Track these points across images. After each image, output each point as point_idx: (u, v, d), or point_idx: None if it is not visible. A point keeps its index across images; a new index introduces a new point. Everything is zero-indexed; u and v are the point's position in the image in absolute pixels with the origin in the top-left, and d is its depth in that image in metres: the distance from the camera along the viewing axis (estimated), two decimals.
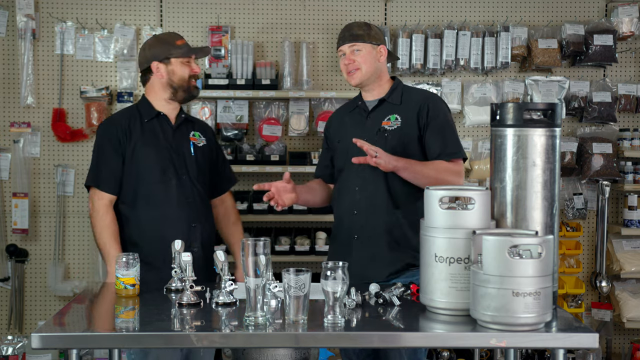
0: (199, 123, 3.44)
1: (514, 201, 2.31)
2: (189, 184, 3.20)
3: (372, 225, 3.00)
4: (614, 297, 4.78)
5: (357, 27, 3.09)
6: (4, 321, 4.69)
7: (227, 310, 2.42)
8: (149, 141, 3.20)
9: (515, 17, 4.79)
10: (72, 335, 2.21)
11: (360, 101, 3.16)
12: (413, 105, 3.04)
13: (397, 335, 2.24)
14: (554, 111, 2.31)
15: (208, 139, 3.36)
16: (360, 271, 2.90)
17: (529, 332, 2.12)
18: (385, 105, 3.09)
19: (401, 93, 3.10)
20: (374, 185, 3.00)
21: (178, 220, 3.16)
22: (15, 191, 4.60)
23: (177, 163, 3.20)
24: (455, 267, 2.24)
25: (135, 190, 3.17)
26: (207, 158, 3.31)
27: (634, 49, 4.86)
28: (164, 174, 3.17)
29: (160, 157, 3.18)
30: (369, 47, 3.06)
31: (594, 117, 4.72)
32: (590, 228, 4.85)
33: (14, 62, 4.66)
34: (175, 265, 2.67)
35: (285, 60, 4.62)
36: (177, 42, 3.26)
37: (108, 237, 3.12)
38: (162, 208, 3.16)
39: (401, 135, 3.00)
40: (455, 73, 4.76)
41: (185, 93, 3.25)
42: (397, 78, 3.17)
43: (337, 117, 3.28)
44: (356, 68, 3.05)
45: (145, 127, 3.22)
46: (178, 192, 3.17)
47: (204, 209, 3.26)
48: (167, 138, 3.23)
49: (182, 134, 3.28)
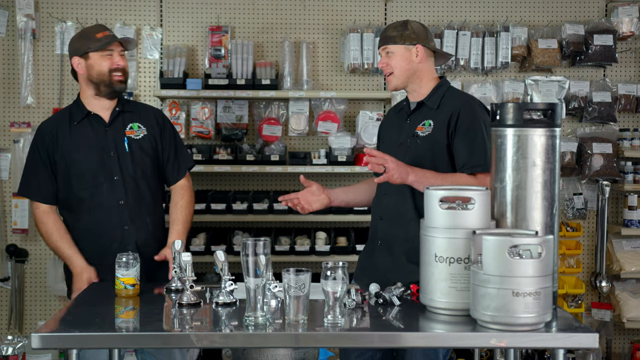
0: (139, 112, 3.23)
1: (514, 201, 2.31)
2: (122, 185, 3.10)
3: (394, 233, 2.92)
4: (614, 297, 4.78)
5: (391, 29, 2.96)
6: (4, 321, 4.69)
7: (227, 310, 2.42)
8: (77, 146, 3.10)
9: (515, 17, 4.79)
10: (72, 335, 2.21)
11: (405, 101, 3.06)
12: (447, 111, 2.87)
13: (397, 335, 2.23)
14: (554, 111, 2.31)
15: (150, 127, 3.19)
16: (383, 278, 2.82)
17: (529, 332, 2.12)
18: (424, 109, 2.95)
19: (442, 96, 2.93)
20: (400, 192, 2.90)
21: (109, 224, 3.09)
22: (15, 191, 4.60)
23: (109, 164, 3.10)
24: (455, 267, 2.24)
25: (68, 196, 3.13)
26: (147, 150, 3.16)
27: (634, 49, 4.86)
28: (94, 178, 3.09)
29: (89, 161, 3.09)
30: (402, 48, 2.93)
31: (594, 117, 4.72)
32: (590, 228, 4.85)
33: (14, 62, 4.66)
34: (175, 265, 2.66)
35: (285, 60, 4.62)
36: (98, 34, 3.10)
37: (56, 239, 3.10)
38: (94, 213, 3.09)
39: (430, 143, 2.87)
40: (455, 73, 4.76)
41: (107, 88, 3.11)
42: (444, 78, 3.00)
43: (389, 115, 3.19)
44: (389, 72, 2.96)
45: (73, 131, 3.12)
46: (109, 195, 3.09)
47: (139, 209, 3.13)
48: (97, 139, 3.12)
49: (116, 131, 3.14)
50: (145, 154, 3.16)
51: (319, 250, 4.44)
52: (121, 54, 3.14)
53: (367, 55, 4.58)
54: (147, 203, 3.17)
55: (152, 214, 3.19)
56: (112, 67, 3.10)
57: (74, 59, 3.13)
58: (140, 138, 3.16)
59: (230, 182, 4.77)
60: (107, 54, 3.10)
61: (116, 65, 3.10)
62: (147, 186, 3.17)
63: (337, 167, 4.47)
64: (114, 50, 3.11)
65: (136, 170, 3.13)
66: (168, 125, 3.29)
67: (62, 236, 3.10)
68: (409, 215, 2.89)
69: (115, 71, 3.10)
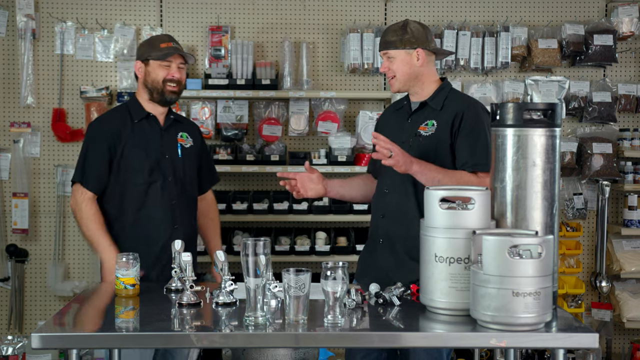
0: (187, 123, 3.49)
1: (514, 201, 2.31)
2: (174, 186, 3.28)
3: (397, 231, 2.95)
4: (614, 297, 4.78)
5: (391, 33, 2.99)
6: (4, 321, 4.69)
7: (227, 310, 2.42)
8: (138, 143, 3.25)
9: (515, 17, 4.79)
10: (72, 335, 2.21)
11: (406, 101, 3.10)
12: (450, 112, 2.93)
13: (397, 335, 2.24)
14: (554, 111, 2.31)
15: (195, 139, 3.42)
16: (385, 276, 2.85)
17: (529, 332, 2.12)
18: (426, 109, 3.00)
19: (444, 97, 2.98)
20: (403, 189, 2.93)
21: (161, 222, 3.25)
22: (15, 191, 4.60)
23: (164, 165, 3.27)
24: (455, 267, 2.24)
25: (122, 190, 3.25)
26: (193, 159, 3.39)
27: (634, 49, 4.86)
28: (150, 175, 3.24)
29: (147, 159, 3.25)
30: (403, 53, 2.96)
31: (594, 117, 4.72)
32: (590, 228, 4.85)
33: (14, 62, 4.66)
34: (175, 265, 2.67)
35: (285, 60, 4.62)
36: (162, 44, 3.28)
37: (95, 226, 3.19)
38: (146, 209, 3.24)
39: (434, 142, 2.92)
40: (455, 73, 4.76)
41: (159, 96, 3.28)
42: (446, 80, 3.05)
43: (387, 114, 3.24)
44: (392, 76, 2.99)
45: (135, 128, 3.27)
46: (162, 194, 3.25)
47: (187, 211, 3.33)
48: (155, 140, 3.29)
49: (171, 136, 3.34)
50: (192, 162, 3.39)
51: (319, 250, 4.44)
52: (180, 66, 3.30)
53: (367, 55, 4.58)
54: (192, 206, 3.40)
55: (194, 217, 3.43)
56: (167, 78, 3.27)
57: (136, 62, 3.33)
58: (188, 147, 3.38)
59: (230, 182, 4.77)
60: (166, 65, 3.27)
61: (171, 77, 3.27)
62: (192, 191, 3.38)
63: (337, 167, 4.48)
64: (172, 61, 3.27)
65: (186, 174, 3.33)
66: (203, 139, 3.55)
67: (102, 226, 3.20)
68: (411, 212, 2.90)
69: (169, 82, 3.27)
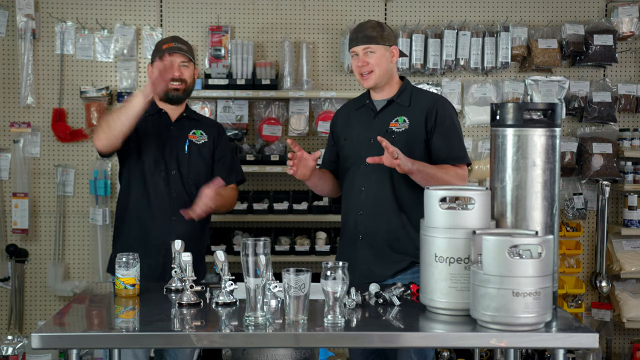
0: (206, 123, 3.52)
1: (514, 201, 2.31)
2: (178, 179, 3.33)
3: (377, 226, 3.01)
4: (614, 297, 4.78)
5: (370, 28, 3.06)
6: (4, 321, 4.69)
7: (227, 310, 2.42)
8: (147, 135, 3.33)
9: (515, 17, 4.79)
10: (72, 335, 2.21)
11: (367, 100, 3.15)
12: (422, 108, 3.03)
13: (397, 335, 2.24)
14: (554, 111, 2.31)
15: (211, 137, 3.43)
16: (366, 271, 2.94)
17: (529, 332, 2.12)
18: (394, 106, 3.08)
19: (410, 94, 3.09)
20: (380, 186, 3.00)
21: (158, 211, 3.31)
22: (15, 191, 4.60)
23: (169, 158, 3.33)
24: (455, 267, 2.24)
25: (129, 176, 3.36)
26: (204, 155, 3.40)
27: (634, 49, 4.86)
28: (155, 166, 3.31)
29: (153, 151, 3.32)
30: (382, 49, 3.05)
31: (594, 117, 4.72)
32: (590, 228, 4.85)
33: (14, 62, 4.66)
34: (175, 265, 2.67)
35: (285, 60, 4.62)
36: (165, 45, 3.35)
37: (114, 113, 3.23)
38: (147, 197, 3.31)
39: (408, 138, 3.00)
40: (455, 73, 4.76)
41: (164, 95, 3.32)
42: (405, 78, 3.16)
43: (344, 113, 3.26)
44: (370, 71, 3.04)
45: (147, 121, 3.33)
46: (164, 185, 3.32)
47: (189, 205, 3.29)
48: (164, 134, 3.35)
49: (180, 131, 3.38)
50: (202, 158, 3.39)
51: (319, 250, 4.44)
52: (183, 64, 3.34)
53: None
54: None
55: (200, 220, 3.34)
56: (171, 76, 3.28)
57: (148, 66, 3.44)
58: (200, 144, 3.40)
59: None
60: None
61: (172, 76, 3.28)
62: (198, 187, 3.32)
63: None
64: (174, 60, 3.31)
65: (191, 170, 3.35)
66: (226, 138, 3.54)
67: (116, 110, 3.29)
68: (390, 207, 2.99)
69: (171, 80, 3.27)
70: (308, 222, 4.65)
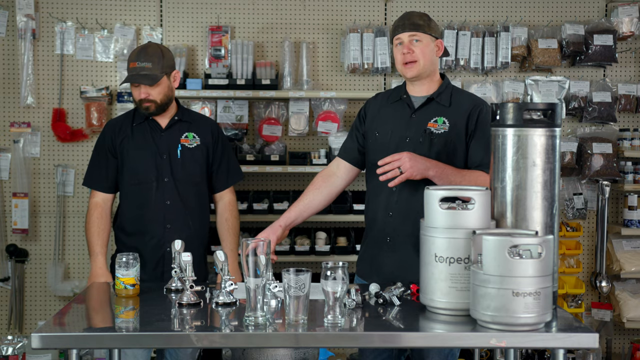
0: (198, 123, 3.45)
1: (514, 201, 2.31)
2: (171, 187, 3.30)
3: (407, 230, 2.87)
4: (614, 297, 4.78)
5: (417, 17, 2.93)
6: (4, 321, 4.69)
7: (227, 310, 2.42)
8: (136, 144, 3.32)
9: (515, 17, 4.79)
10: (72, 335, 2.21)
11: (405, 94, 2.99)
12: (463, 110, 2.89)
13: (397, 335, 2.23)
14: (554, 111, 2.31)
15: (204, 139, 3.40)
16: (389, 275, 2.84)
17: (529, 332, 2.12)
18: (433, 105, 2.93)
19: (450, 94, 2.94)
20: (412, 187, 2.85)
21: (153, 221, 3.30)
22: (15, 191, 4.60)
23: (160, 165, 3.30)
24: (455, 267, 2.24)
25: (122, 190, 3.36)
26: (198, 158, 3.37)
27: (634, 49, 4.86)
28: (146, 175, 3.30)
29: (144, 160, 3.31)
30: (429, 38, 2.91)
31: (594, 117, 4.72)
32: (590, 228, 4.85)
33: (14, 62, 4.67)
34: (175, 265, 2.67)
35: (285, 60, 4.62)
36: (131, 64, 3.27)
37: (92, 233, 3.31)
38: (141, 208, 3.31)
39: (447, 141, 2.87)
40: (455, 73, 4.76)
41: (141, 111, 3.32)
42: (446, 77, 3.01)
43: (377, 103, 3.08)
44: (414, 60, 2.89)
45: (135, 130, 3.33)
46: (157, 194, 3.29)
47: (184, 211, 3.33)
48: (154, 141, 3.33)
49: (172, 137, 3.35)
50: (196, 162, 3.36)
51: (319, 250, 4.44)
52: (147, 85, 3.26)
53: (367, 55, 4.58)
54: (191, 207, 3.37)
55: (196, 218, 3.39)
56: (137, 99, 3.28)
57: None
58: (193, 147, 3.36)
59: None
60: (135, 85, 3.29)
61: (139, 98, 3.27)
62: (194, 192, 3.37)
63: None
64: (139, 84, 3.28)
65: (185, 175, 3.33)
66: (222, 138, 3.50)
67: (98, 232, 3.32)
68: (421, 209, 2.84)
69: (141, 101, 3.28)
70: (308, 222, 4.64)
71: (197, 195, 3.39)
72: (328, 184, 3.09)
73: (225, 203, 3.51)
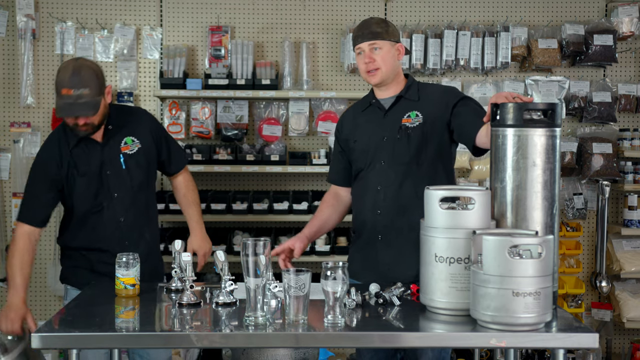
0: (132, 124, 3.21)
1: (514, 201, 2.31)
2: (121, 202, 3.13)
3: (397, 226, 2.92)
4: (614, 297, 4.78)
5: (375, 24, 2.98)
6: None
7: (227, 310, 2.42)
8: (80, 171, 3.11)
9: (515, 17, 4.79)
10: (72, 335, 2.21)
11: (373, 99, 3.07)
12: (435, 99, 2.97)
13: (397, 335, 2.23)
14: (554, 111, 2.31)
15: (143, 137, 3.20)
16: (387, 272, 2.87)
17: (529, 332, 2.12)
18: (403, 102, 3.00)
19: (417, 89, 3.03)
20: (400, 183, 2.92)
21: (110, 241, 3.11)
22: (15, 191, 4.60)
23: (107, 183, 3.12)
24: (455, 267, 2.24)
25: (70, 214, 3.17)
26: (141, 163, 3.19)
27: (634, 49, 4.86)
28: (94, 198, 3.12)
29: (90, 184, 3.11)
30: (388, 45, 2.97)
31: (594, 117, 4.72)
32: (590, 228, 4.85)
33: (14, 62, 4.67)
34: (175, 265, 2.67)
35: (285, 60, 4.62)
36: (63, 90, 2.95)
37: (15, 262, 3.06)
38: (97, 230, 3.13)
39: (424, 132, 2.93)
40: (455, 73, 4.76)
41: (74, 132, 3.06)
42: (410, 75, 3.09)
43: (349, 117, 3.17)
44: (376, 67, 2.95)
45: (74, 155, 3.11)
46: (108, 215, 3.12)
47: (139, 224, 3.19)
48: (94, 160, 3.12)
49: (111, 149, 3.14)
50: (141, 167, 3.19)
51: (319, 250, 4.44)
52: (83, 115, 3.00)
53: None
54: (145, 217, 3.24)
55: (150, 228, 3.27)
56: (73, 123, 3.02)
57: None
58: (135, 152, 3.17)
59: (230, 182, 4.77)
60: None
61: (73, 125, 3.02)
62: (145, 200, 3.23)
63: None
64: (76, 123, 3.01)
65: (134, 185, 3.17)
66: (159, 128, 3.33)
67: (21, 265, 3.06)
68: (410, 205, 2.89)
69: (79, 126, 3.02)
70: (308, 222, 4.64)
71: (147, 203, 3.26)
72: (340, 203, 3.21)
73: (180, 181, 3.39)
